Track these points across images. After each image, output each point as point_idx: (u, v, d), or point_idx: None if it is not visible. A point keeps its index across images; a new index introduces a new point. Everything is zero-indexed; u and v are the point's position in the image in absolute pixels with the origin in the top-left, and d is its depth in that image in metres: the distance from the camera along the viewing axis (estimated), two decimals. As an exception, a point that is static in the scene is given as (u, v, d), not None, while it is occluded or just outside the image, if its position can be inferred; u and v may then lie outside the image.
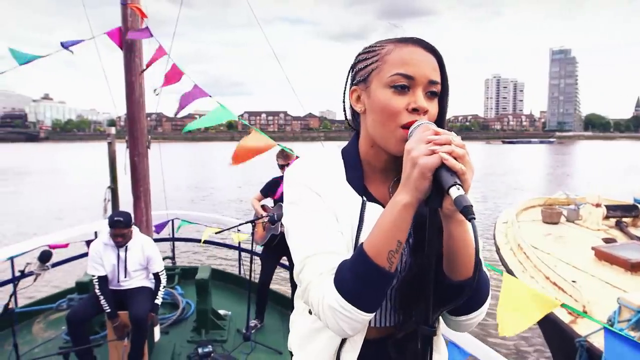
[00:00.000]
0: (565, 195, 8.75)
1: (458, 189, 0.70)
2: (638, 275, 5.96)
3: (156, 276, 3.55)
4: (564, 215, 8.00)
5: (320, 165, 0.97)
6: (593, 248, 6.34)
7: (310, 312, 1.00)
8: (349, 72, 1.01)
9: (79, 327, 3.21)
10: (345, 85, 1.01)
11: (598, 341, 4.61)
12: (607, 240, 7.04)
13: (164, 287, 3.57)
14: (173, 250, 5.66)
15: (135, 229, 3.46)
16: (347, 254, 0.88)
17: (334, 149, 1.03)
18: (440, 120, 0.91)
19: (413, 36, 0.92)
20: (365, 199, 0.93)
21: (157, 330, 3.78)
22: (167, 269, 4.17)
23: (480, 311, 0.90)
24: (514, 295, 2.19)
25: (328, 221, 0.90)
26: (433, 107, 0.90)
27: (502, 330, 2.14)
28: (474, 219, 0.67)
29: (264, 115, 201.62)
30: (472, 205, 0.68)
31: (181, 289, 4.77)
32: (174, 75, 3.37)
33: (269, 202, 4.23)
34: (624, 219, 8.28)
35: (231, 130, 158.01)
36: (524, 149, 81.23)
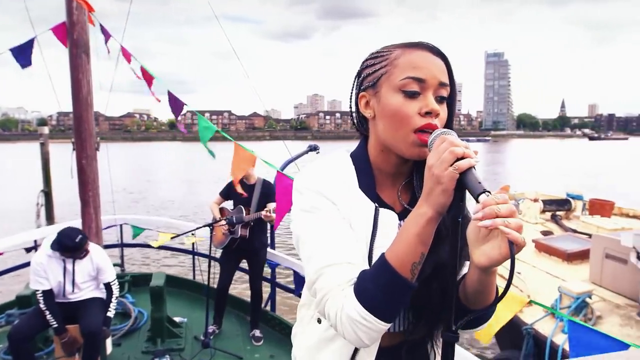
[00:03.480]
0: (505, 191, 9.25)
1: (488, 196, 0.70)
2: (574, 265, 6.42)
3: (107, 286, 3.35)
4: (505, 210, 8.46)
5: (332, 172, 0.95)
6: (533, 241, 6.74)
7: (319, 321, 0.98)
8: (355, 78, 1.00)
9: (22, 345, 2.97)
10: (352, 91, 1.00)
11: (543, 328, 4.92)
12: (545, 233, 7.53)
13: (117, 297, 3.38)
14: (122, 257, 5.38)
15: (84, 237, 3.24)
16: (363, 262, 0.87)
17: (343, 153, 1.01)
18: (449, 124, 0.93)
19: (421, 41, 0.92)
20: (377, 205, 0.93)
21: (108, 343, 3.58)
22: (116, 276, 3.97)
23: (485, 324, 0.95)
24: None
25: (344, 230, 0.89)
26: (443, 111, 0.90)
27: (480, 336, 2.12)
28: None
29: (207, 115, 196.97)
30: None
31: (132, 297, 4.55)
32: (146, 79, 3.25)
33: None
34: (558, 213, 8.90)
35: (173, 130, 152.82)
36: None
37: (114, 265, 4.87)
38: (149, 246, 5.98)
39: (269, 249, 4.31)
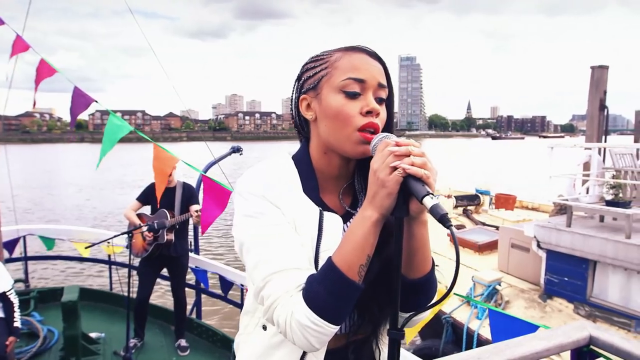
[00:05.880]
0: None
1: (432, 198, 0.73)
2: (484, 255, 6.97)
3: (3, 298, 3.01)
4: (422, 206, 9.03)
5: (276, 176, 0.93)
6: (448, 234, 7.18)
7: (264, 328, 0.96)
8: (295, 82, 1.00)
9: None
10: (292, 95, 1.00)
11: (460, 316, 5.27)
12: (458, 227, 8.06)
13: (18, 307, 3.06)
14: (26, 272, 4.86)
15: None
16: (310, 267, 0.87)
17: (285, 156, 1.00)
18: (388, 125, 0.95)
19: (359, 45, 0.95)
20: (321, 209, 0.93)
21: (13, 368, 3.23)
22: (20, 293, 3.59)
23: (429, 312, 0.97)
24: None
25: (290, 235, 0.88)
26: (383, 111, 0.93)
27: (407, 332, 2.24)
28: (452, 225, 0.71)
29: (119, 115, 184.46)
30: (447, 213, 0.72)
31: (40, 315, 4.15)
32: (44, 72, 2.92)
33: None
34: (469, 207, 9.58)
35: (80, 131, 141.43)
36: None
37: (17, 281, 4.42)
38: (57, 257, 5.50)
39: (193, 255, 4.16)
